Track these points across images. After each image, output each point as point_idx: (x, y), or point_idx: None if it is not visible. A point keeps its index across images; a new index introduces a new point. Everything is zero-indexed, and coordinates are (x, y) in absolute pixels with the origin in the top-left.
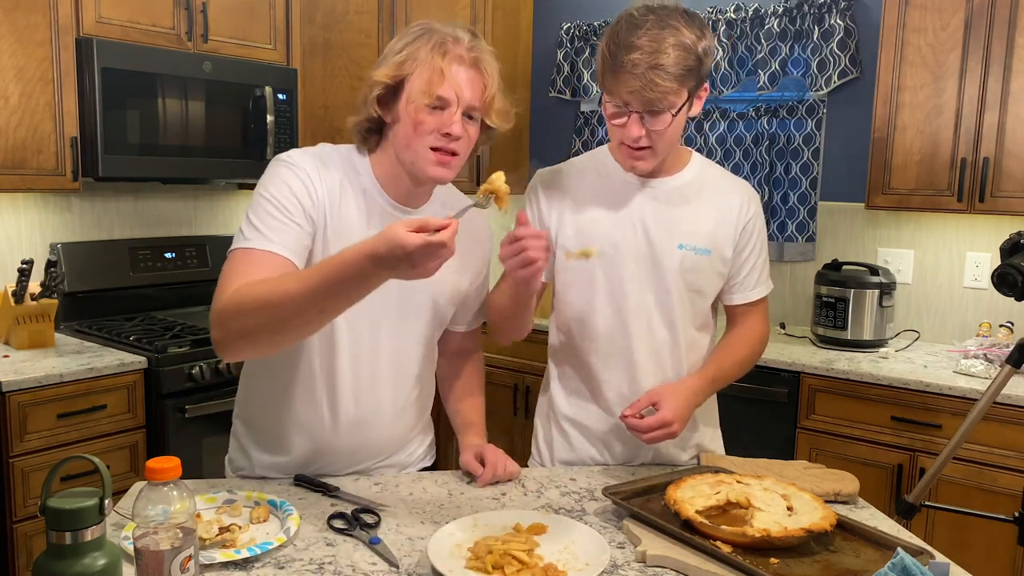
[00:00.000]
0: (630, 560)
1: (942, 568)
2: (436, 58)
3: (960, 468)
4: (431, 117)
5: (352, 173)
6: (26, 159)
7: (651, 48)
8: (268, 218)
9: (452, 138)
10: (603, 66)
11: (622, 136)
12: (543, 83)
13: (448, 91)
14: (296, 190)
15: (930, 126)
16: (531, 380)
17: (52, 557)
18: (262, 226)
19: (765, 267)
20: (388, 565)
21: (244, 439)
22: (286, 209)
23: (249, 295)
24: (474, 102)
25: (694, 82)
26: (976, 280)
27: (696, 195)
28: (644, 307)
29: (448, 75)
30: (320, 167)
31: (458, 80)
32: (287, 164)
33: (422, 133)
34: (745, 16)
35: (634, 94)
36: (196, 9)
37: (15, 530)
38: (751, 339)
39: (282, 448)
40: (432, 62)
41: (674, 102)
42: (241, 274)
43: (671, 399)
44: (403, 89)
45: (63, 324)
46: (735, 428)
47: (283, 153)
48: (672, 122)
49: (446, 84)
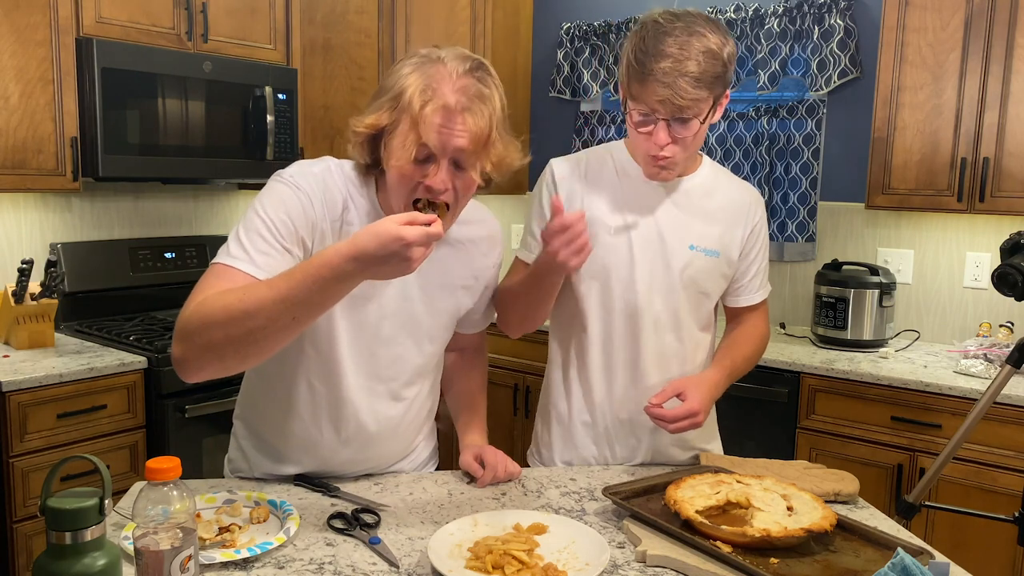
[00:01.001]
0: (630, 560)
1: (942, 568)
2: (416, 104)
3: (960, 468)
4: (416, 169)
5: (355, 194)
6: (26, 159)
7: (681, 56)
8: (258, 239)
9: (437, 192)
10: (629, 74)
11: (648, 146)
12: (543, 83)
13: (431, 141)
14: (293, 214)
15: (930, 126)
16: (531, 380)
17: (52, 557)
18: (250, 246)
19: (767, 272)
20: (388, 565)
21: (244, 442)
22: (278, 232)
23: (216, 305)
24: (460, 150)
25: (720, 89)
26: (976, 280)
27: (708, 197)
28: (651, 306)
29: (429, 123)
30: (323, 190)
31: (439, 127)
32: (289, 184)
33: (406, 186)
34: (745, 16)
35: (663, 102)
36: (196, 9)
37: (15, 530)
38: (754, 337)
39: (283, 460)
40: (411, 109)
41: (702, 109)
42: (212, 289)
43: (696, 390)
44: (384, 137)
45: (63, 324)
46: (735, 428)
47: (286, 170)
48: (699, 129)
49: (425, 133)
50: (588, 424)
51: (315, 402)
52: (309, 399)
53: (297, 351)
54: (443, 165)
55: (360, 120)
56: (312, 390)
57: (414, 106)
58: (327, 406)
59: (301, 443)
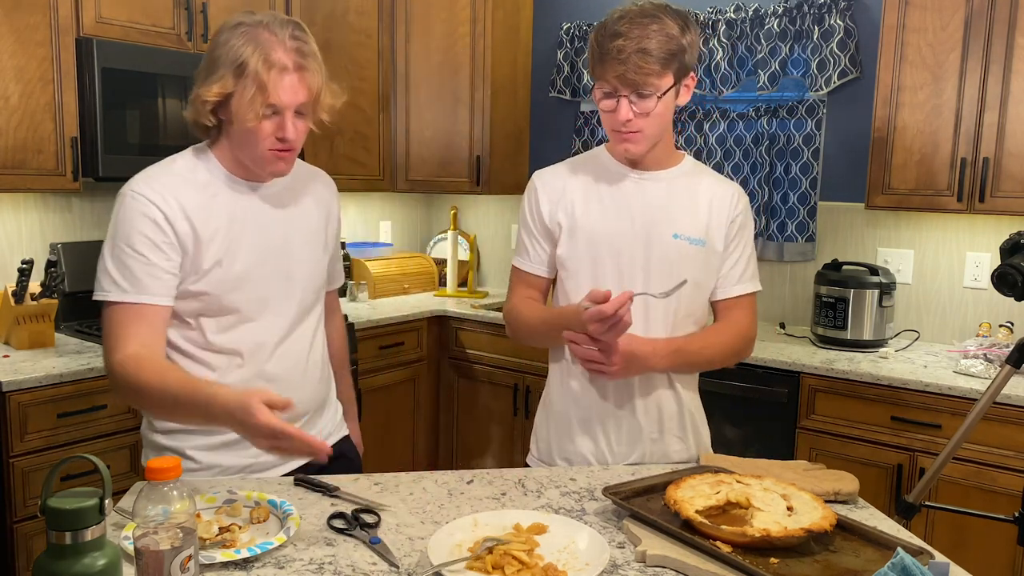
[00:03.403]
0: (630, 560)
1: (942, 568)
2: (261, 71)
3: (960, 468)
4: (265, 123)
5: (200, 170)
6: (26, 159)
7: (636, 35)
8: (136, 266)
9: (287, 140)
10: (592, 56)
11: (612, 121)
12: (543, 83)
13: (277, 99)
14: (149, 232)
15: (930, 126)
16: (531, 380)
17: (52, 557)
18: (131, 276)
19: (751, 265)
20: (388, 565)
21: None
22: (145, 257)
23: (133, 381)
24: (302, 103)
25: (680, 69)
26: (976, 280)
27: (690, 189)
28: (644, 298)
29: (276, 85)
30: (164, 188)
31: (285, 87)
32: (135, 198)
33: (258, 139)
34: (745, 16)
35: (620, 77)
36: (196, 9)
37: (15, 530)
38: (729, 330)
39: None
40: (257, 76)
41: (659, 85)
42: (128, 336)
43: (629, 343)
44: (231, 100)
45: (63, 324)
46: (735, 428)
47: (126, 185)
48: (658, 105)
49: (274, 94)
50: (586, 418)
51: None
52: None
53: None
54: (288, 117)
55: (208, 90)
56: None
57: (260, 73)
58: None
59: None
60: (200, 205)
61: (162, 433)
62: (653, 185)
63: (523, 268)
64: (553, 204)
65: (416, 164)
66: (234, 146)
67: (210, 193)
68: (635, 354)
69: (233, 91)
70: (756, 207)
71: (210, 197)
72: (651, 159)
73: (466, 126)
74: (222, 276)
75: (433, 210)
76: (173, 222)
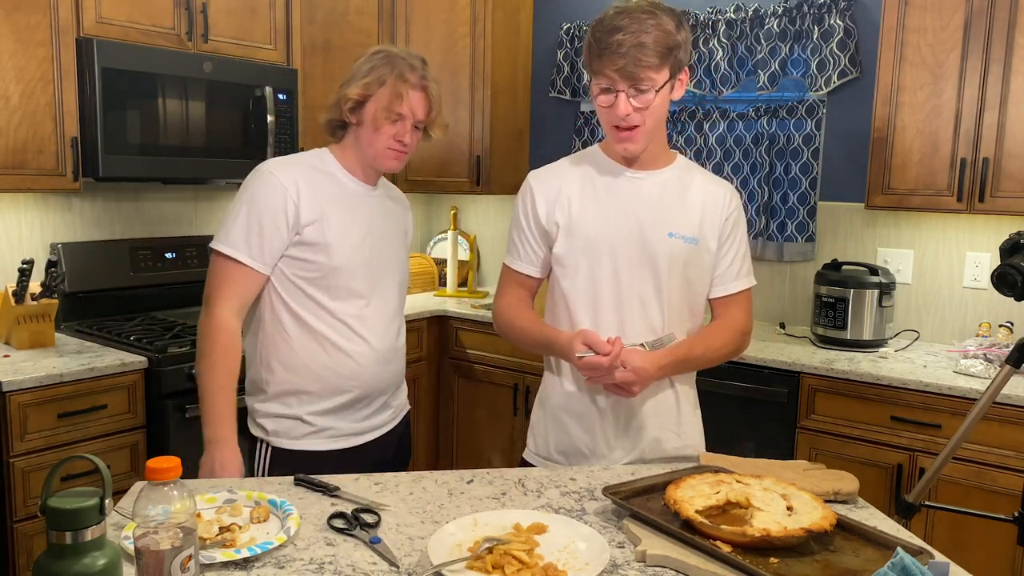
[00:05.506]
0: (630, 560)
1: (942, 568)
2: (398, 83)
3: (960, 468)
4: (390, 127)
5: (320, 165)
6: (26, 159)
7: (634, 29)
8: (256, 227)
9: (404, 143)
10: (589, 52)
11: (611, 116)
12: (543, 83)
13: (405, 109)
14: (275, 204)
15: (930, 126)
16: (531, 380)
17: (52, 557)
18: (250, 237)
19: (745, 262)
20: (388, 565)
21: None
22: (263, 225)
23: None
24: (422, 118)
25: (675, 65)
26: (976, 280)
27: (683, 188)
28: (640, 296)
29: (406, 98)
30: (297, 174)
31: (413, 102)
32: (269, 175)
33: (383, 137)
34: (745, 16)
35: (620, 71)
36: (196, 9)
37: (15, 530)
38: (728, 329)
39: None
40: (394, 86)
41: (656, 79)
42: (228, 292)
43: (638, 358)
44: (368, 102)
45: (63, 324)
46: (735, 428)
47: (263, 164)
48: (656, 99)
49: (404, 105)
50: (583, 413)
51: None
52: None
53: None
54: (408, 125)
55: (352, 90)
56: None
57: (396, 86)
58: (348, 342)
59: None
60: (323, 192)
61: (277, 402)
62: (648, 184)
63: (515, 268)
64: (550, 204)
65: (416, 164)
66: (360, 143)
67: (332, 183)
68: (648, 372)
69: (372, 95)
70: (756, 207)
71: (331, 186)
72: (646, 158)
73: (466, 126)
74: (346, 254)
75: (433, 210)
76: (299, 203)
